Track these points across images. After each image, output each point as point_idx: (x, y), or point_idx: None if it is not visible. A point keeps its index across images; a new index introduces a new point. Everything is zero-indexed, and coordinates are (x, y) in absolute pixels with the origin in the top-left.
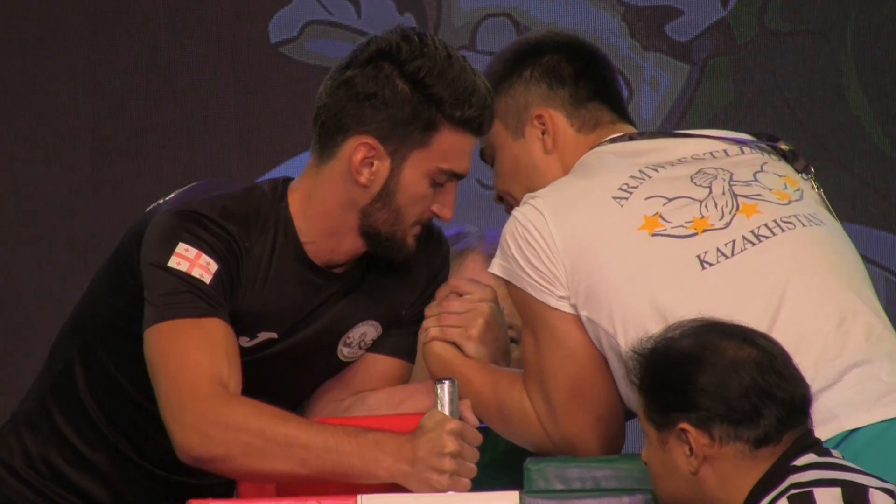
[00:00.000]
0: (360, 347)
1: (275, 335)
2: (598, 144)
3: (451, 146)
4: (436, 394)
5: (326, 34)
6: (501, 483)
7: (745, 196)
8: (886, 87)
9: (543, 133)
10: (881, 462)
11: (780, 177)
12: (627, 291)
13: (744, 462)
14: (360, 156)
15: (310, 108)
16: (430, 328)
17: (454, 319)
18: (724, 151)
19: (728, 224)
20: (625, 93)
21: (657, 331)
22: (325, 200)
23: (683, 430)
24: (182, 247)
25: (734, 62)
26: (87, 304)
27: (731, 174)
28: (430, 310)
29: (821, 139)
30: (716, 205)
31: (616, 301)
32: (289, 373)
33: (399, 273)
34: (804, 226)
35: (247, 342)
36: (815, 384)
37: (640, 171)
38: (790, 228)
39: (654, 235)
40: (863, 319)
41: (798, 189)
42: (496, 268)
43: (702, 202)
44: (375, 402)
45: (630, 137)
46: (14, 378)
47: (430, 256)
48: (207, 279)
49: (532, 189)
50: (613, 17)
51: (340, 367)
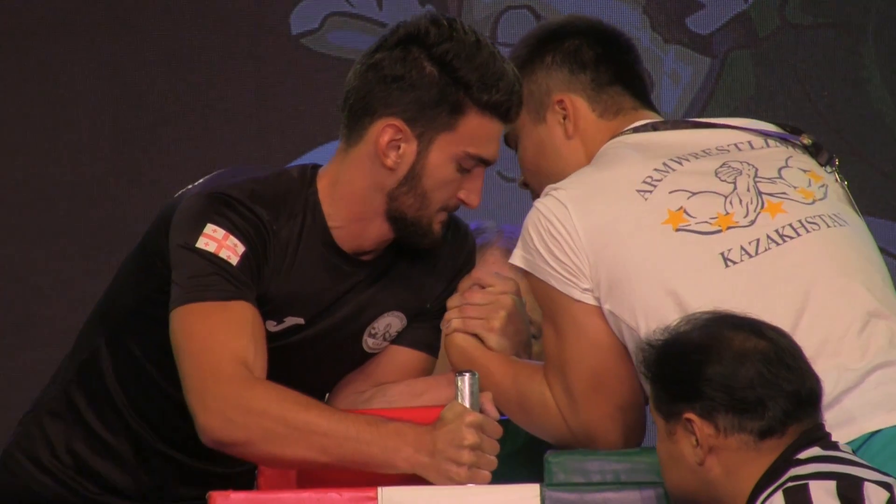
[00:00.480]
0: (385, 339)
1: (301, 321)
2: (621, 133)
3: (478, 130)
4: (456, 386)
5: (348, 26)
6: (522, 475)
7: (770, 194)
8: None
9: (564, 118)
10: None
11: (805, 172)
12: (650, 286)
13: (748, 453)
14: (387, 138)
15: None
16: (453, 319)
17: (476, 311)
18: (749, 143)
19: (752, 222)
20: (650, 81)
21: None
22: (353, 184)
23: (689, 420)
24: (210, 227)
25: (755, 55)
26: (114, 292)
27: (756, 169)
28: (453, 301)
29: (841, 132)
30: (740, 201)
31: (639, 295)
32: (315, 362)
33: (425, 265)
34: (829, 227)
35: (274, 326)
36: (838, 387)
37: (664, 164)
38: (815, 229)
39: (678, 230)
40: (885, 323)
41: (822, 185)
42: (518, 259)
43: (726, 198)
44: (396, 393)
45: (654, 127)
46: (35, 369)
47: (457, 250)
48: (234, 261)
49: (555, 174)
50: (634, 10)
51: (365, 359)
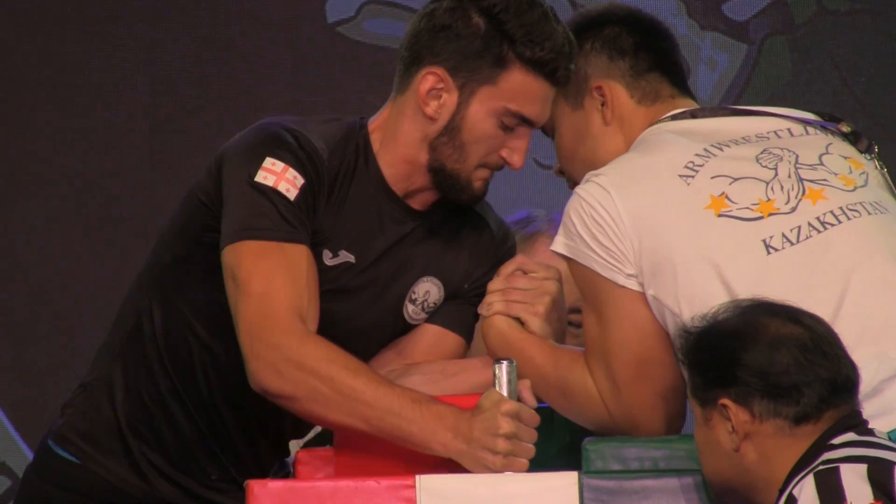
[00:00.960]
0: (424, 309)
1: (353, 259)
2: (660, 120)
3: (521, 87)
4: (494, 374)
5: (384, 14)
6: (560, 463)
7: (811, 181)
8: None
9: (603, 104)
10: None
11: (845, 159)
12: (693, 272)
13: (784, 439)
14: (428, 86)
15: (367, 88)
16: (495, 302)
17: (520, 295)
18: (789, 131)
19: (794, 209)
20: (687, 67)
21: None
22: (398, 131)
23: (724, 406)
24: (269, 160)
25: (792, 41)
26: (157, 251)
27: (797, 156)
28: (495, 284)
29: (879, 119)
30: (782, 188)
31: (682, 281)
32: (359, 317)
33: (470, 246)
34: (870, 214)
35: (329, 258)
36: (878, 375)
37: (705, 150)
38: (856, 217)
39: (721, 216)
40: None
41: (863, 172)
42: (559, 246)
43: (768, 184)
44: (428, 373)
45: (692, 114)
46: (74, 355)
47: (499, 245)
48: (293, 195)
49: (592, 161)
50: None
51: (405, 329)
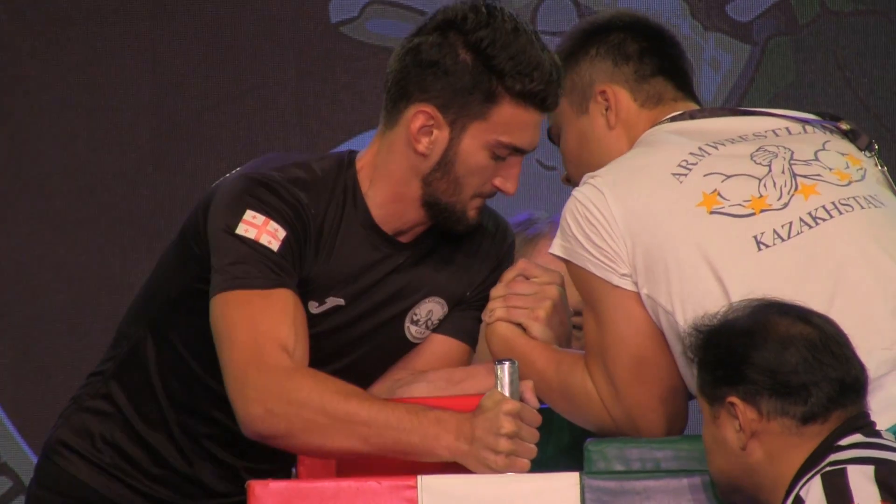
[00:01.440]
0: (428, 327)
1: (342, 301)
2: (659, 122)
3: (511, 119)
4: (496, 374)
5: (387, 14)
6: (562, 464)
7: (804, 176)
8: None
9: (607, 109)
10: None
11: (843, 155)
12: (685, 269)
13: (791, 438)
14: (419, 123)
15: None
16: (496, 308)
17: (521, 301)
18: (787, 129)
19: (786, 205)
20: (692, 71)
21: (714, 309)
22: (390, 167)
23: (732, 404)
24: (250, 213)
25: (795, 42)
26: (153, 285)
27: (792, 152)
28: (497, 291)
29: (882, 119)
30: (774, 184)
31: (674, 278)
32: (357, 349)
33: (467, 254)
34: (862, 208)
35: (315, 307)
36: (878, 371)
37: (700, 148)
38: (848, 211)
39: (712, 213)
40: None
41: (860, 168)
42: (557, 248)
43: (760, 180)
44: (435, 381)
45: (691, 115)
46: (77, 356)
47: (498, 242)
48: (276, 246)
49: (597, 165)
50: None
51: (409, 349)
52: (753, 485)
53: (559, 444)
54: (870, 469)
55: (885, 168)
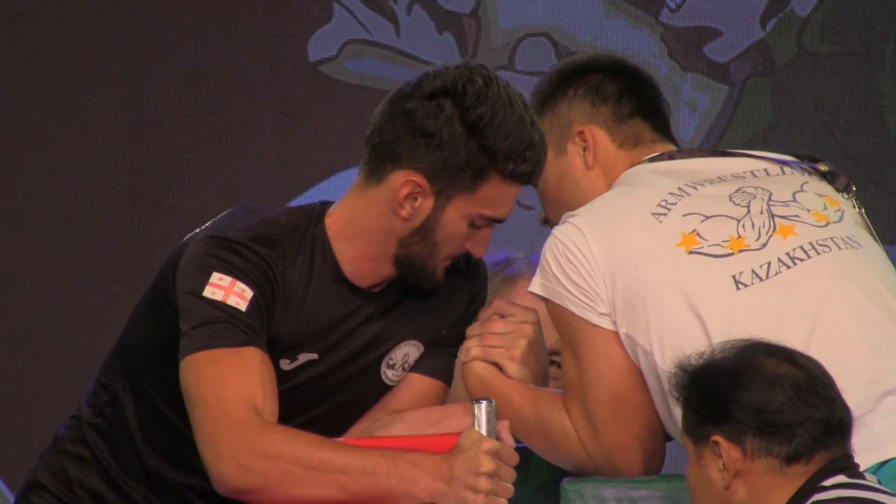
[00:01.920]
0: (404, 370)
1: (315, 356)
2: (638, 163)
3: (497, 195)
4: (473, 414)
5: (365, 53)
6: (539, 503)
7: (783, 217)
8: None
9: (584, 149)
10: None
11: (821, 196)
12: (664, 308)
13: (774, 479)
14: (406, 191)
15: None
16: (472, 348)
17: (497, 340)
18: (765, 171)
19: (764, 245)
20: (669, 112)
21: (693, 349)
22: (367, 223)
23: (716, 443)
24: (216, 276)
25: (773, 83)
26: (129, 337)
27: (771, 193)
28: (473, 330)
29: (859, 160)
30: (753, 224)
31: (653, 317)
32: (334, 398)
33: (439, 294)
34: (840, 249)
35: (287, 365)
36: (858, 410)
37: (679, 188)
38: (826, 251)
39: (691, 253)
40: None
41: (838, 210)
42: (536, 287)
43: (739, 221)
44: (412, 421)
45: (670, 156)
46: (53, 389)
47: (470, 279)
48: (243, 306)
49: (575, 205)
50: (652, 38)
51: (386, 391)
52: None
53: (536, 483)
54: None
55: (863, 210)
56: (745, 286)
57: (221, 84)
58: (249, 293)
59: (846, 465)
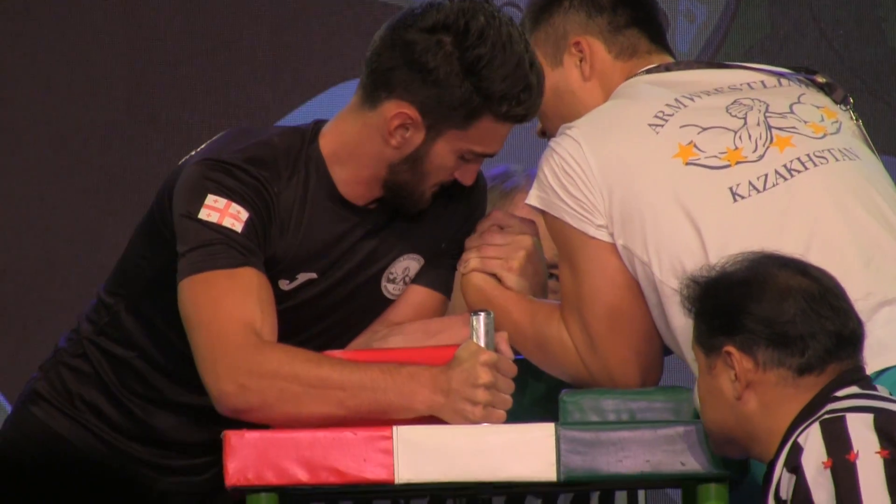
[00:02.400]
0: (405, 283)
1: (314, 275)
2: (634, 75)
3: (489, 134)
4: (471, 325)
5: None
6: (537, 415)
7: (780, 128)
8: None
9: (581, 60)
10: None
11: (818, 108)
12: (661, 220)
13: (786, 390)
14: (398, 122)
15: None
16: (471, 259)
17: (495, 251)
18: (762, 82)
19: (761, 157)
20: (666, 24)
21: (690, 260)
22: (359, 146)
23: (728, 354)
24: (211, 198)
25: None
26: (130, 260)
27: (767, 105)
28: (471, 242)
29: (857, 72)
30: (749, 136)
31: (650, 229)
32: (335, 314)
33: (438, 207)
34: (837, 160)
35: (287, 285)
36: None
37: (676, 100)
38: (823, 163)
39: (688, 164)
40: (895, 257)
41: (836, 121)
42: (533, 199)
43: (736, 133)
44: (411, 333)
45: (666, 68)
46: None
47: (468, 192)
48: (239, 227)
49: (573, 116)
50: None
51: (387, 305)
52: (747, 435)
53: (534, 395)
54: (869, 417)
55: (860, 121)
56: (742, 198)
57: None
58: (245, 214)
59: (859, 377)
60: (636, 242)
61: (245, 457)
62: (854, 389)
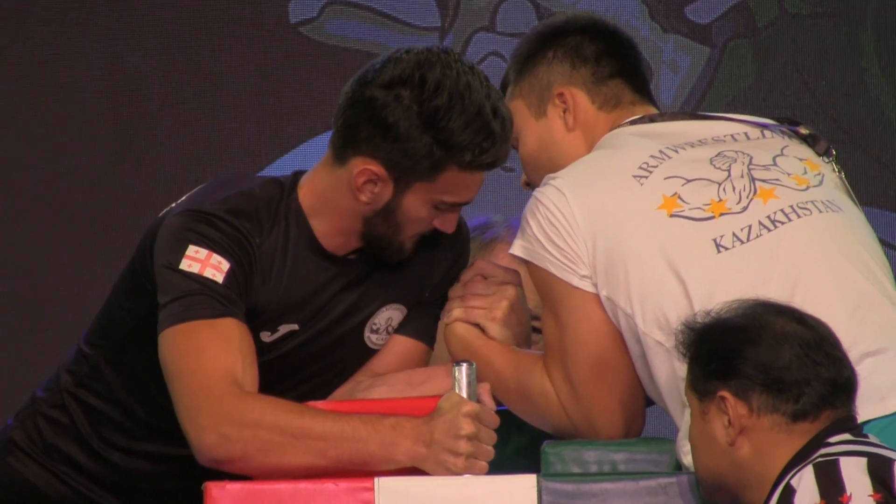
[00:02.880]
0: (388, 333)
1: (296, 326)
2: (619, 126)
3: (457, 182)
4: (453, 376)
5: (346, 15)
6: (519, 466)
7: (763, 180)
8: None
9: (565, 111)
10: None
11: (801, 160)
12: (645, 271)
13: (780, 435)
14: (364, 178)
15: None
16: (454, 309)
17: (479, 301)
18: (745, 134)
19: (745, 208)
20: (650, 74)
21: (674, 311)
22: (334, 200)
23: (722, 398)
24: (192, 248)
25: (754, 44)
26: (111, 310)
27: (751, 157)
28: (455, 291)
29: (840, 122)
30: (734, 188)
31: (634, 280)
32: (317, 364)
33: (420, 256)
34: (820, 212)
35: (268, 337)
36: None
37: (661, 151)
38: (806, 214)
39: (673, 216)
40: (878, 308)
41: (818, 174)
42: (517, 249)
43: (720, 185)
44: (394, 383)
45: (650, 119)
46: (36, 354)
47: (452, 239)
48: (220, 278)
49: (557, 167)
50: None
51: (370, 355)
52: (739, 482)
53: (517, 446)
54: (862, 461)
55: (843, 173)
56: (727, 249)
57: (202, 44)
58: (226, 265)
59: (851, 426)
60: (619, 294)
61: None
62: (846, 436)
